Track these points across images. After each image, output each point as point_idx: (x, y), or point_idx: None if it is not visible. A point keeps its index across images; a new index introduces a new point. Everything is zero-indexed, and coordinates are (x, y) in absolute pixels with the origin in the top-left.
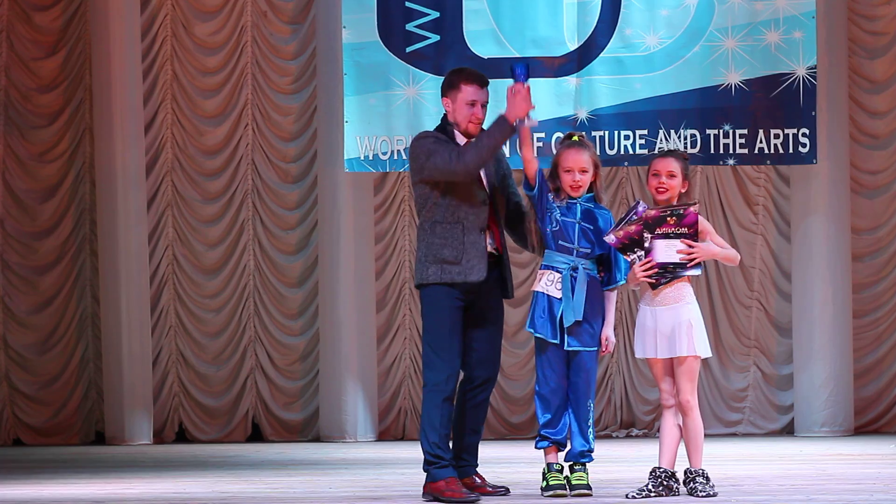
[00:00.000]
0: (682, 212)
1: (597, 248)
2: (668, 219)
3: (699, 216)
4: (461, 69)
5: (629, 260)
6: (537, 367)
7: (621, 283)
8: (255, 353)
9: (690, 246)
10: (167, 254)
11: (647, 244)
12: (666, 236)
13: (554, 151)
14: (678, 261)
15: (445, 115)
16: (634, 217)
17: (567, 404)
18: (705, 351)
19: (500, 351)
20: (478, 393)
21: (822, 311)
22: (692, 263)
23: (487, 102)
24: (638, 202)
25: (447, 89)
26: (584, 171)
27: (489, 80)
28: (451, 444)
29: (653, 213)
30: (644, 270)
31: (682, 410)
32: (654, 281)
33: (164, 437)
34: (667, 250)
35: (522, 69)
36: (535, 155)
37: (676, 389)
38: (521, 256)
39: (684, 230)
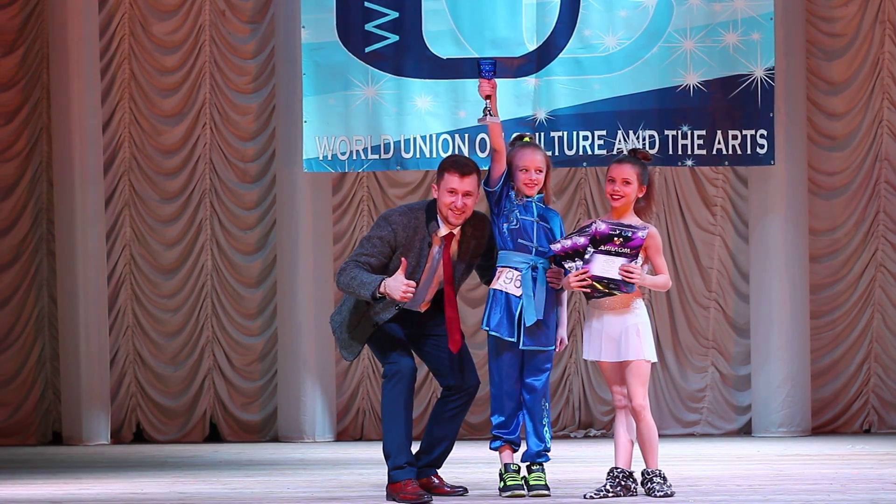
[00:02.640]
0: (629, 234)
1: (552, 249)
2: (616, 238)
3: (655, 232)
4: (450, 157)
5: (567, 268)
6: (491, 368)
7: None
8: (213, 353)
9: (630, 270)
10: (124, 253)
11: (587, 256)
12: (607, 252)
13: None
14: (612, 276)
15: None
16: (588, 231)
17: (522, 405)
18: (652, 355)
19: (465, 359)
20: (450, 402)
21: (780, 312)
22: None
23: (472, 192)
24: (594, 221)
25: (437, 175)
26: (539, 171)
27: (451, 79)
28: (410, 446)
29: (604, 228)
30: (578, 280)
31: (635, 415)
32: (588, 291)
33: (121, 437)
34: (605, 265)
35: (489, 65)
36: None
37: (629, 394)
38: None
39: (626, 251)
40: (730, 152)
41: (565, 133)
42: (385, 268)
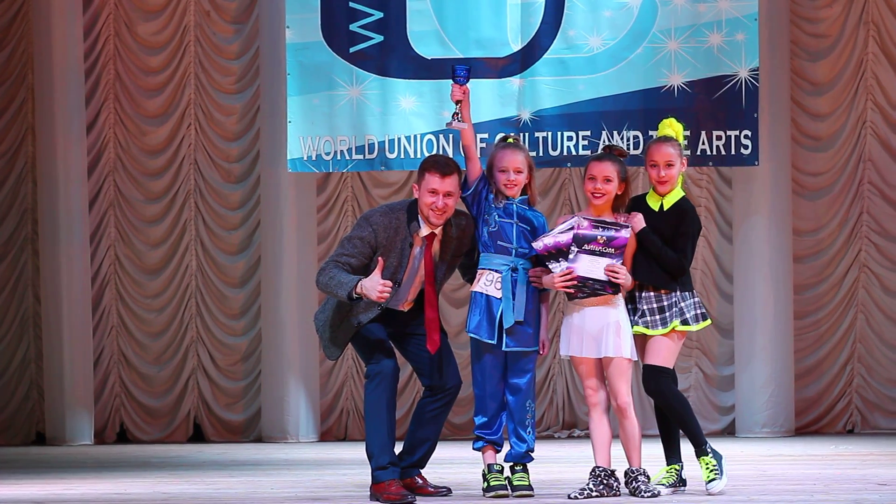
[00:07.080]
0: (613, 234)
1: (533, 250)
2: (599, 238)
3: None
4: (431, 157)
5: (551, 268)
6: (474, 370)
7: None
8: (197, 353)
9: (616, 270)
10: (109, 254)
11: (571, 256)
12: (591, 252)
13: None
14: (598, 277)
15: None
16: (569, 230)
17: (505, 406)
18: (633, 354)
19: (446, 359)
20: (431, 402)
21: (764, 312)
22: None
23: (453, 193)
24: (576, 217)
25: (418, 175)
26: (518, 172)
27: (436, 80)
28: (393, 446)
29: (586, 227)
30: (563, 281)
31: (621, 412)
32: (572, 292)
33: (105, 437)
34: (590, 266)
35: (463, 71)
36: (479, 155)
37: (612, 392)
38: None
39: (610, 250)
40: (714, 153)
41: (550, 133)
42: (366, 268)
